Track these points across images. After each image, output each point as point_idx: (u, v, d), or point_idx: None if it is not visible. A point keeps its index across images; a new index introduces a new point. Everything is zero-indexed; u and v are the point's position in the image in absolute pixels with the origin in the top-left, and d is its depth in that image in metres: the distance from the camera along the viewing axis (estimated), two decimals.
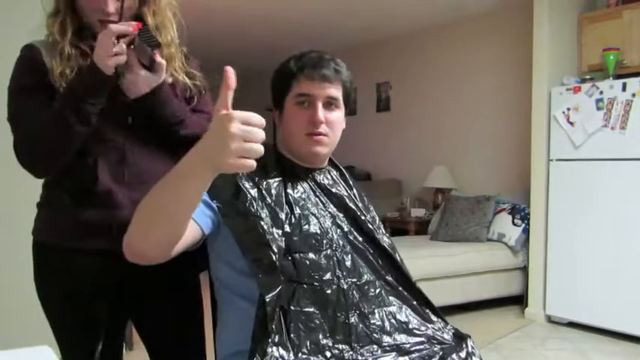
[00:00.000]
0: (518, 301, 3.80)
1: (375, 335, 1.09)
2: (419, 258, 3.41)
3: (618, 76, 3.28)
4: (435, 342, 1.14)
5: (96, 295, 1.26)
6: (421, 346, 1.12)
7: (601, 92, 3.26)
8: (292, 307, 1.04)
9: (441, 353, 1.12)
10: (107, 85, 1.14)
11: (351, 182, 1.29)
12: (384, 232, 1.27)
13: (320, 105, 1.15)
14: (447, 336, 1.17)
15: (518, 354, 2.97)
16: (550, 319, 3.54)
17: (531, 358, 2.95)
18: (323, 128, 1.15)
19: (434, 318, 1.20)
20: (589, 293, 3.31)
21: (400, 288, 1.19)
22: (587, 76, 3.43)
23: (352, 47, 5.45)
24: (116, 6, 1.19)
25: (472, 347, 1.13)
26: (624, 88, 3.16)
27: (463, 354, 1.12)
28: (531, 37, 3.63)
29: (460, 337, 1.15)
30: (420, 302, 1.20)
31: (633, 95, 3.12)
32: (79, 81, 1.13)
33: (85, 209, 1.20)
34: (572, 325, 3.43)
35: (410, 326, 1.14)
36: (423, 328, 1.15)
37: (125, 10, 1.20)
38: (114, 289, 1.28)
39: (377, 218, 1.28)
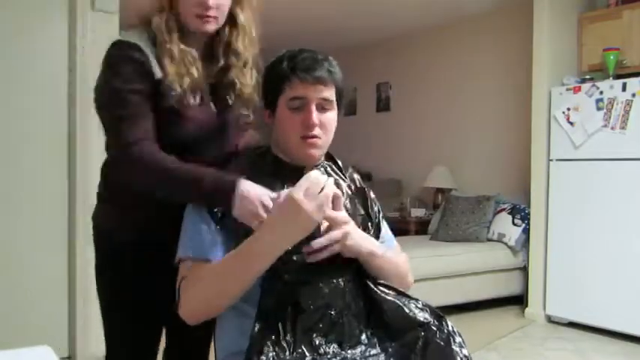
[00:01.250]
0: (518, 301, 3.80)
1: (365, 334, 1.10)
2: (419, 258, 3.41)
3: (618, 76, 3.28)
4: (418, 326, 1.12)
5: (154, 285, 1.27)
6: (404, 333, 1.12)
7: (601, 92, 3.26)
8: (290, 307, 1.05)
9: (424, 339, 1.10)
10: None
11: (348, 176, 1.28)
12: (383, 227, 1.27)
13: (314, 108, 1.14)
14: (427, 314, 1.14)
15: (518, 354, 2.97)
16: (550, 319, 3.54)
17: (531, 358, 2.94)
18: (317, 131, 1.15)
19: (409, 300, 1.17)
20: (589, 293, 3.31)
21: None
22: (587, 76, 3.42)
23: (352, 47, 5.45)
24: (216, 2, 1.16)
25: (452, 326, 1.12)
26: (624, 88, 3.16)
27: (444, 335, 1.10)
28: (531, 37, 3.63)
29: (439, 316, 1.13)
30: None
31: (633, 95, 3.12)
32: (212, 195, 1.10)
33: (150, 206, 1.21)
34: (572, 325, 3.42)
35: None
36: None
37: (220, 7, 1.18)
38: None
39: (376, 214, 1.28)
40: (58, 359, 0.88)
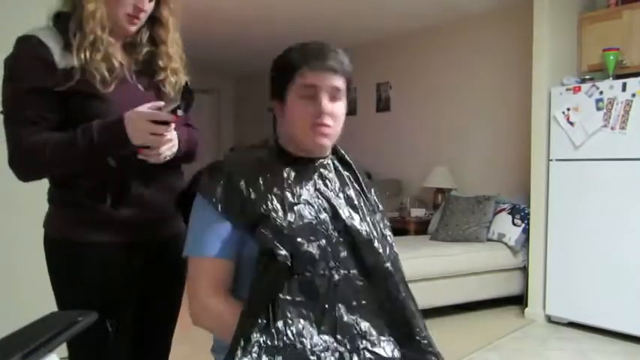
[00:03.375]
0: (518, 301, 3.80)
1: (361, 328, 1.10)
2: (419, 258, 3.41)
3: (618, 76, 3.28)
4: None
5: (116, 285, 1.28)
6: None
7: (601, 92, 3.26)
8: (281, 296, 1.04)
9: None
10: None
11: (357, 171, 1.29)
12: (385, 224, 1.26)
13: (325, 96, 1.14)
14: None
15: (518, 354, 2.97)
16: (550, 319, 3.54)
17: (531, 358, 2.95)
18: (328, 120, 1.15)
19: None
20: (589, 293, 3.31)
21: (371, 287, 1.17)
22: (587, 76, 3.43)
23: (352, 47, 5.43)
24: (150, 6, 1.24)
25: None
26: (624, 88, 3.16)
27: None
28: (531, 37, 3.63)
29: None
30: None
31: (633, 95, 3.12)
32: (105, 140, 1.15)
33: (116, 208, 1.26)
34: (572, 325, 3.43)
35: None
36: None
37: (147, 12, 1.26)
38: (131, 280, 1.31)
39: (377, 215, 1.26)
40: (58, 359, 0.88)
